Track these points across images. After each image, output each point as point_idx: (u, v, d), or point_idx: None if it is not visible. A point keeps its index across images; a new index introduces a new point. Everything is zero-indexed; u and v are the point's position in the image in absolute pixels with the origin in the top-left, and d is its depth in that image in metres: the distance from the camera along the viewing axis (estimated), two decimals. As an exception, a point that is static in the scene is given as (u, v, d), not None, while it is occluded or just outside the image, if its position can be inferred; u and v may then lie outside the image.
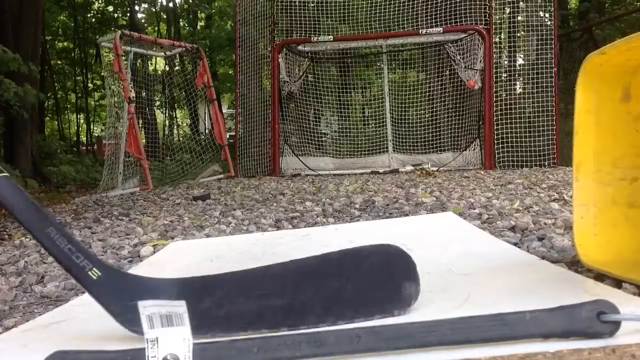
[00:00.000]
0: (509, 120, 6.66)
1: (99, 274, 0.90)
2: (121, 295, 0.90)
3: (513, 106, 6.74)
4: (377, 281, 0.94)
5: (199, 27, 18.45)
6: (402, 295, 0.93)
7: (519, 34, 7.19)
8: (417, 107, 7.70)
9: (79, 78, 19.08)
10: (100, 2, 17.61)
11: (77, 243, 0.91)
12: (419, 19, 7.16)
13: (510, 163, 6.50)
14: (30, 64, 6.44)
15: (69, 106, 20.31)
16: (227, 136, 7.82)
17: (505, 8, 7.06)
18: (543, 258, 1.36)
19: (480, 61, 6.58)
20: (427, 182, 4.40)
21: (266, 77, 7.66)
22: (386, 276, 0.95)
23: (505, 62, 7.36)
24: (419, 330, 0.76)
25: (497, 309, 0.79)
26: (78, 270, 0.89)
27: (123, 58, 6.33)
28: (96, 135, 20.03)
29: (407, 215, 2.55)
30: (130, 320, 0.86)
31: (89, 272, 0.89)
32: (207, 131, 10.79)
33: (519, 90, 7.35)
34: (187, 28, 18.56)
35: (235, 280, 0.99)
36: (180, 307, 0.73)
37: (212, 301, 0.93)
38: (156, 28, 18.54)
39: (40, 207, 0.91)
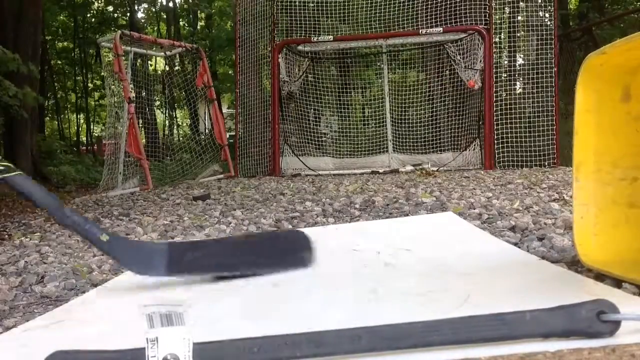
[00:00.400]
0: (509, 120, 6.65)
1: (108, 237, 1.26)
2: (125, 250, 1.31)
3: (513, 106, 6.74)
4: (287, 251, 1.47)
5: (199, 27, 18.44)
6: (304, 260, 1.41)
7: (519, 34, 7.19)
8: (417, 107, 7.70)
9: (78, 78, 19.08)
10: (99, 2, 17.60)
11: (85, 218, 1.25)
12: (419, 19, 7.15)
13: (510, 163, 6.50)
14: (30, 64, 6.43)
15: (69, 106, 20.30)
16: (227, 136, 7.81)
17: (505, 8, 7.05)
18: (543, 258, 1.36)
19: (481, 61, 6.58)
20: (427, 182, 4.39)
21: (266, 77, 7.66)
22: (293, 248, 1.46)
23: (505, 62, 7.36)
24: (419, 330, 0.76)
25: (497, 309, 0.79)
26: (92, 236, 1.24)
27: (123, 58, 6.33)
28: (96, 135, 20.03)
29: (407, 215, 2.55)
30: (135, 266, 1.31)
31: (100, 237, 1.24)
32: (207, 131, 10.80)
33: (519, 90, 7.35)
34: (187, 28, 18.56)
35: (204, 245, 1.61)
36: (180, 307, 0.73)
37: (190, 256, 1.38)
38: (156, 28, 18.55)
39: (50, 193, 1.21)
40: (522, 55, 7.50)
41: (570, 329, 0.75)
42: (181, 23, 18.49)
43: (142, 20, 18.08)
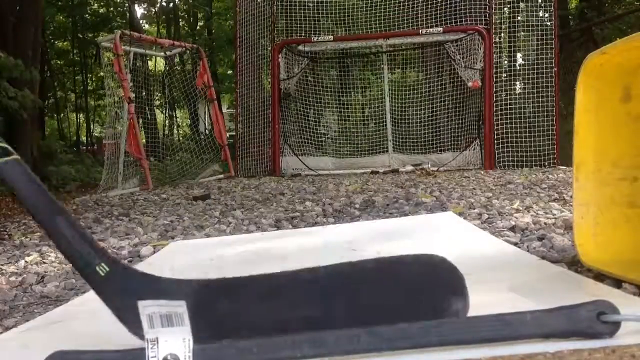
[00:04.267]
0: (509, 120, 6.65)
1: (107, 269, 0.83)
2: (128, 294, 0.81)
3: (513, 106, 6.74)
4: (419, 297, 0.83)
5: (198, 27, 18.44)
6: (448, 313, 0.80)
7: (519, 34, 7.19)
8: (417, 107, 7.69)
9: (77, 77, 19.06)
10: (95, 3, 17.55)
11: (86, 235, 0.85)
12: (419, 19, 7.15)
13: (510, 163, 6.49)
14: (32, 70, 6.45)
15: (69, 105, 20.28)
16: (227, 136, 7.81)
17: (505, 8, 7.05)
18: (543, 258, 1.36)
19: (481, 61, 6.58)
20: (427, 182, 4.39)
21: (266, 77, 7.66)
22: (429, 291, 0.84)
23: (505, 62, 7.36)
24: (419, 330, 0.76)
25: (497, 309, 0.79)
26: (84, 265, 0.83)
27: (123, 58, 6.32)
28: (96, 135, 20.01)
29: (407, 215, 2.55)
30: (132, 321, 0.77)
31: (97, 268, 0.83)
32: (207, 131, 10.79)
33: (519, 90, 7.35)
34: (186, 29, 18.54)
35: (256, 286, 0.89)
36: (180, 307, 0.72)
37: (230, 308, 0.84)
38: (156, 28, 18.54)
39: (50, 195, 0.85)
40: (522, 55, 7.49)
41: (570, 329, 0.75)
42: (181, 23, 18.48)
43: (142, 21, 18.06)
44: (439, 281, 0.85)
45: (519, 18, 7.18)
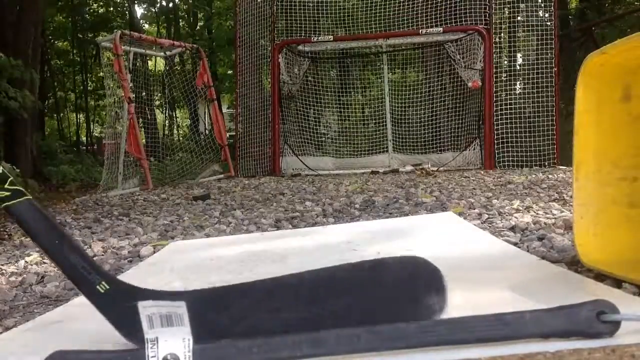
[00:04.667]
0: (509, 120, 6.65)
1: (107, 287, 0.90)
2: (129, 309, 0.83)
3: (513, 106, 6.74)
4: (399, 295, 0.89)
5: (198, 27, 18.45)
6: (427, 310, 0.85)
7: (519, 34, 7.19)
8: (417, 107, 7.69)
9: (77, 77, 19.07)
10: (95, 3, 17.56)
11: (88, 258, 0.93)
12: (419, 19, 7.15)
13: (510, 163, 6.49)
14: (33, 72, 6.47)
15: (69, 105, 20.29)
16: (227, 136, 7.80)
17: (505, 8, 7.05)
18: (543, 258, 1.36)
19: (481, 61, 6.58)
20: (427, 182, 4.39)
21: (266, 77, 7.66)
22: (409, 290, 0.89)
23: (505, 62, 7.36)
24: (418, 330, 0.76)
25: (497, 309, 0.79)
26: (87, 285, 0.90)
27: (123, 58, 6.32)
28: (96, 135, 20.00)
29: (407, 215, 2.55)
30: (135, 335, 0.80)
31: (97, 287, 0.90)
32: (207, 131, 10.80)
33: (519, 90, 7.35)
34: (186, 29, 18.54)
35: (250, 292, 0.95)
36: (180, 308, 0.73)
37: (229, 316, 0.90)
38: (156, 28, 18.55)
39: (56, 225, 0.93)
40: (522, 55, 7.49)
41: (570, 329, 0.75)
42: (181, 23, 18.49)
43: (142, 21, 18.07)
44: (418, 281, 0.90)
45: (519, 18, 7.18)
